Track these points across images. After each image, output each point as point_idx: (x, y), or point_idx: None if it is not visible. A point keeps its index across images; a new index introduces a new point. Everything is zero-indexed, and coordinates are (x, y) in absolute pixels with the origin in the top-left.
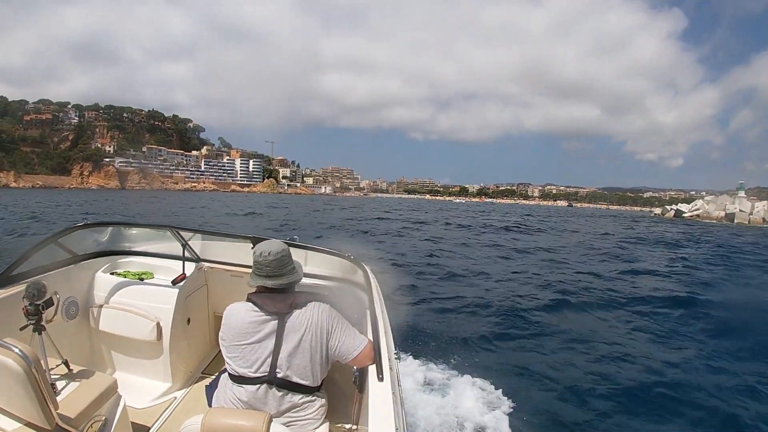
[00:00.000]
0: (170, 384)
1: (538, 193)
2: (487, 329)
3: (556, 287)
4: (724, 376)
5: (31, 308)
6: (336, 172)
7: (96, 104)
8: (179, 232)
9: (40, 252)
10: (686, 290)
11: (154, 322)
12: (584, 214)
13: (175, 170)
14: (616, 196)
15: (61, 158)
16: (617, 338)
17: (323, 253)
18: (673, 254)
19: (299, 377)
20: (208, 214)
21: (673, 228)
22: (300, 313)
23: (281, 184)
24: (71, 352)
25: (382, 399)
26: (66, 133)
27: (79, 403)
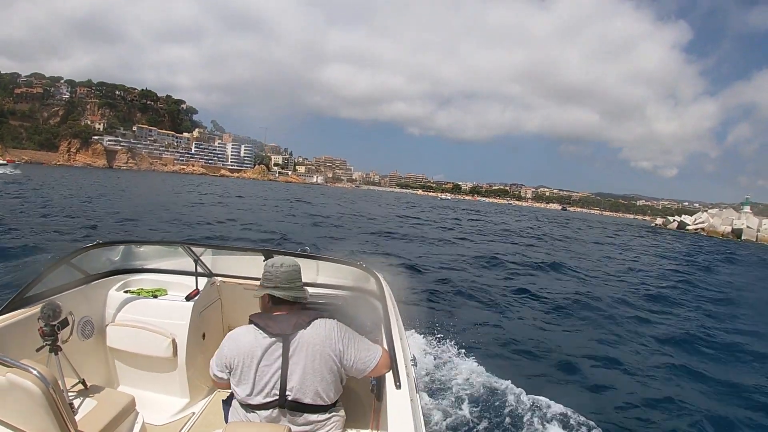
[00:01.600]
0: (188, 399)
1: (531, 195)
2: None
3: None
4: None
5: (47, 329)
6: (329, 162)
7: (89, 80)
8: (191, 247)
9: (53, 273)
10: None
11: (169, 338)
12: (585, 220)
13: (164, 151)
14: (609, 202)
15: (50, 134)
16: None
17: (335, 263)
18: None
19: (311, 398)
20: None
21: (694, 245)
22: (304, 333)
23: (272, 171)
24: (88, 371)
25: (400, 406)
26: (56, 109)
27: (98, 422)
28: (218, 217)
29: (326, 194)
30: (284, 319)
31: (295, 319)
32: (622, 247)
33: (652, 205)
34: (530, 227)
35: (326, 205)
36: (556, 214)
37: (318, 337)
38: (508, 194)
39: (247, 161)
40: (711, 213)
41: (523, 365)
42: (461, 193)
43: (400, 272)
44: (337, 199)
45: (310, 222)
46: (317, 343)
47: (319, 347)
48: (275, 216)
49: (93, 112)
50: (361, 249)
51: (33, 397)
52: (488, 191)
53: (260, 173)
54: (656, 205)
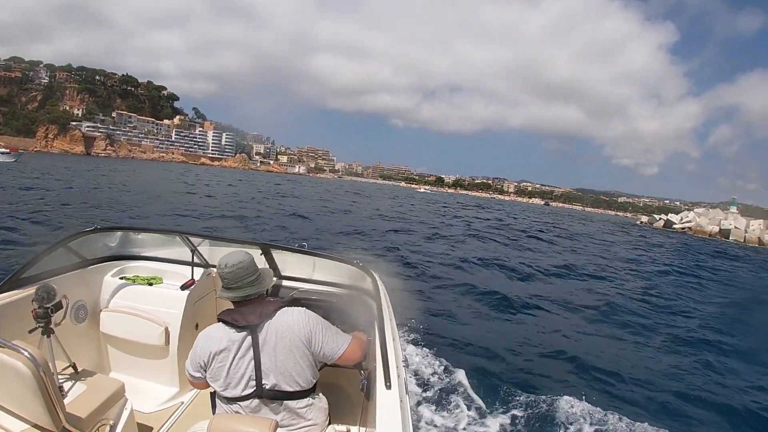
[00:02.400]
0: (177, 389)
1: (514, 189)
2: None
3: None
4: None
5: (41, 311)
6: (311, 152)
7: (69, 65)
8: (188, 237)
9: (50, 255)
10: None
11: (162, 326)
12: (568, 216)
13: (144, 138)
14: (591, 198)
15: (27, 119)
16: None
17: (332, 260)
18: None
19: (288, 384)
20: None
21: (694, 244)
22: (271, 323)
23: (253, 161)
24: (79, 355)
25: (389, 406)
26: (35, 94)
27: (87, 406)
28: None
29: (301, 191)
30: (250, 311)
31: (260, 308)
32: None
33: (633, 202)
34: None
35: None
36: (546, 210)
37: (284, 324)
38: (491, 188)
39: (228, 150)
40: (697, 212)
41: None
42: (444, 186)
43: (397, 273)
44: (319, 193)
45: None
46: (284, 330)
47: (287, 334)
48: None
49: (72, 97)
50: (358, 248)
51: (23, 379)
52: (471, 185)
53: (241, 162)
54: (637, 202)
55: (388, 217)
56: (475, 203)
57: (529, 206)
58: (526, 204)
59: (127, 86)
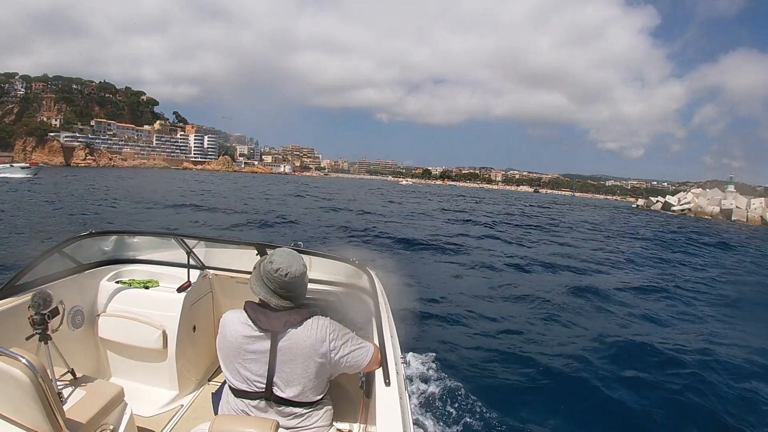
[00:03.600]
0: (177, 392)
1: (501, 178)
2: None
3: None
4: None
5: (37, 318)
6: (296, 150)
7: (45, 75)
8: (184, 239)
9: (45, 261)
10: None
11: (159, 329)
12: (561, 202)
13: (124, 146)
14: (579, 183)
15: (4, 133)
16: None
17: (328, 259)
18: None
19: (297, 395)
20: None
21: (708, 229)
22: (295, 333)
23: (237, 162)
24: (77, 361)
25: (389, 404)
26: (11, 106)
27: (86, 412)
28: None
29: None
30: (276, 316)
31: (287, 317)
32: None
33: (621, 184)
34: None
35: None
36: (539, 198)
37: (309, 339)
38: (479, 178)
39: (212, 153)
40: (695, 192)
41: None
42: (431, 178)
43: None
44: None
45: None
46: (307, 345)
47: (308, 349)
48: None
49: (49, 108)
50: (355, 245)
51: (21, 386)
52: (459, 175)
53: (224, 164)
54: (625, 184)
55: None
56: (471, 195)
57: (519, 194)
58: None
59: (104, 93)
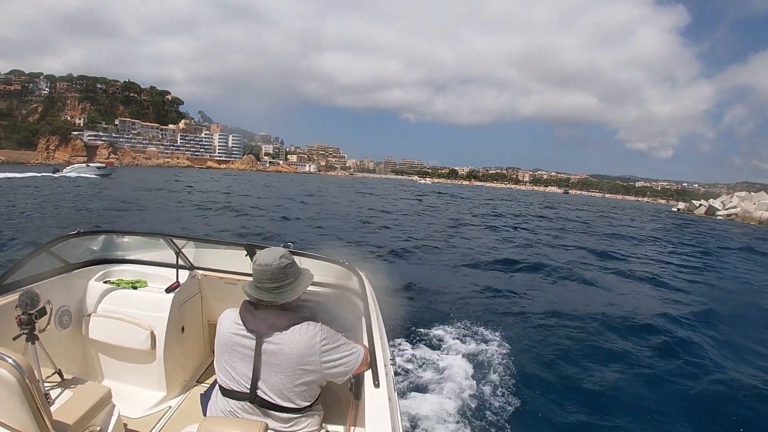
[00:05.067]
0: (165, 393)
1: (529, 178)
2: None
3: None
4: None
5: (24, 317)
6: (322, 150)
7: (69, 75)
8: (173, 239)
9: (32, 261)
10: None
11: (148, 330)
12: (607, 205)
13: (148, 145)
14: (608, 184)
15: (28, 131)
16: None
17: (317, 260)
18: None
19: (282, 400)
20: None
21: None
22: (280, 337)
23: (262, 162)
24: (65, 361)
25: (378, 405)
26: (35, 105)
27: (73, 413)
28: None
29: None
30: (262, 317)
31: (273, 319)
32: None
33: (651, 186)
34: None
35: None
36: (573, 200)
37: (296, 345)
38: (506, 178)
39: (236, 151)
40: (740, 196)
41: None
42: (458, 178)
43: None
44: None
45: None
46: (294, 352)
47: (295, 356)
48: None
49: (73, 107)
50: (345, 247)
51: (8, 386)
52: (485, 175)
53: (248, 163)
54: (655, 186)
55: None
56: (503, 196)
57: (549, 195)
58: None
59: (129, 93)
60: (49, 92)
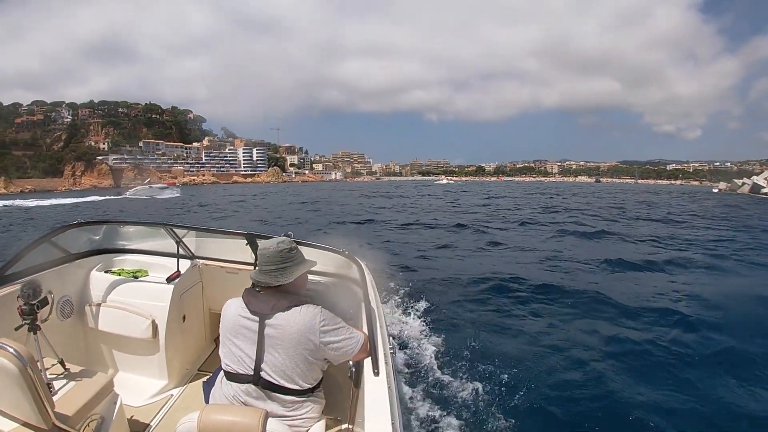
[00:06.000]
0: (166, 381)
1: (558, 169)
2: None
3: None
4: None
5: (26, 308)
6: (346, 156)
7: (90, 101)
8: (173, 229)
9: (34, 251)
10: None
11: (149, 319)
12: (645, 191)
13: (173, 164)
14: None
15: (53, 159)
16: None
17: (318, 249)
18: None
19: (286, 381)
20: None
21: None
22: (282, 317)
23: (288, 172)
24: (67, 351)
25: (377, 393)
26: (59, 133)
27: (76, 402)
28: None
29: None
30: (265, 299)
31: (274, 300)
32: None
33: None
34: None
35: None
36: (609, 189)
37: (296, 325)
38: (534, 171)
39: (261, 164)
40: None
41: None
42: (485, 175)
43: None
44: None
45: None
46: (295, 331)
47: (295, 334)
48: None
49: (97, 132)
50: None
51: (10, 376)
52: (513, 170)
53: (274, 175)
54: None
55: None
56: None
57: (582, 185)
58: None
59: (151, 114)
60: (71, 120)
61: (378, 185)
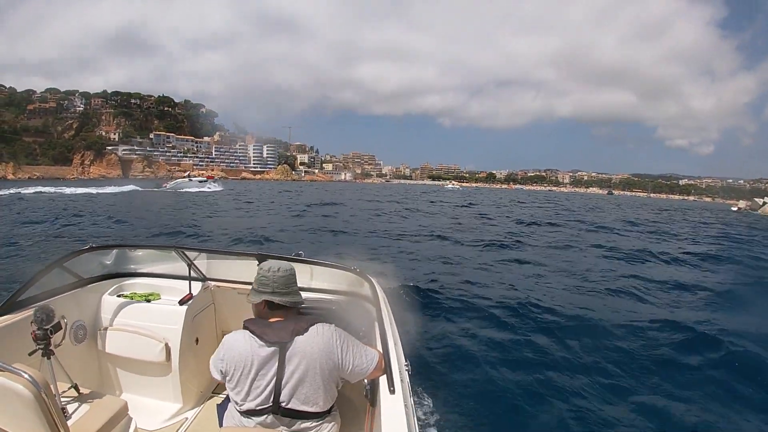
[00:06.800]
0: (181, 404)
1: (569, 180)
2: None
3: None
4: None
5: (40, 333)
6: (357, 157)
7: (104, 91)
8: (184, 252)
9: (46, 276)
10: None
11: (162, 342)
12: (664, 206)
13: (183, 157)
14: (652, 184)
15: (63, 147)
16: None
17: (329, 268)
18: None
19: (306, 405)
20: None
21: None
22: (302, 340)
23: (297, 171)
24: (80, 375)
25: (394, 412)
26: (70, 122)
27: (90, 427)
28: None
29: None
30: (281, 326)
31: (293, 325)
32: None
33: (695, 184)
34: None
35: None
36: (626, 202)
37: (316, 345)
38: (545, 180)
39: (271, 162)
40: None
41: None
42: (496, 182)
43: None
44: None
45: None
46: (315, 351)
47: (316, 355)
48: None
49: (108, 122)
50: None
51: (25, 402)
52: (524, 178)
53: (283, 173)
54: (700, 183)
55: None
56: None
57: (595, 197)
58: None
59: (164, 107)
60: (83, 109)
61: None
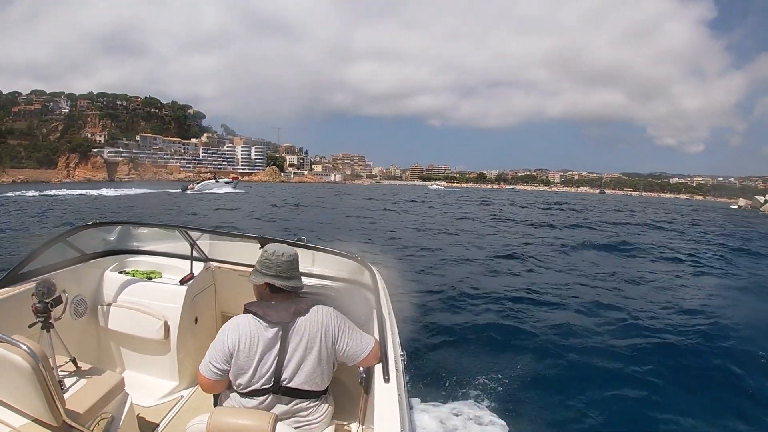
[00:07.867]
0: (177, 383)
1: (559, 179)
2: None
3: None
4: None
5: (40, 306)
6: (347, 158)
7: (90, 93)
8: (187, 231)
9: (49, 250)
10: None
11: (161, 320)
12: (662, 204)
13: (170, 159)
14: (643, 182)
15: (48, 150)
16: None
17: (330, 254)
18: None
19: (306, 384)
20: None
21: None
22: (304, 320)
23: (287, 173)
24: (79, 350)
25: (388, 400)
26: (55, 124)
27: (87, 401)
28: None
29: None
30: (283, 307)
31: (294, 306)
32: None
33: (686, 182)
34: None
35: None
36: (622, 200)
37: (316, 324)
38: (536, 180)
39: (259, 163)
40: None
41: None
42: (487, 182)
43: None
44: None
45: None
46: (315, 330)
47: (317, 334)
48: None
49: (94, 124)
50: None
51: (22, 373)
52: (514, 178)
53: (271, 175)
54: (690, 182)
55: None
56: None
57: (588, 196)
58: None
59: (150, 108)
60: (69, 110)
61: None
